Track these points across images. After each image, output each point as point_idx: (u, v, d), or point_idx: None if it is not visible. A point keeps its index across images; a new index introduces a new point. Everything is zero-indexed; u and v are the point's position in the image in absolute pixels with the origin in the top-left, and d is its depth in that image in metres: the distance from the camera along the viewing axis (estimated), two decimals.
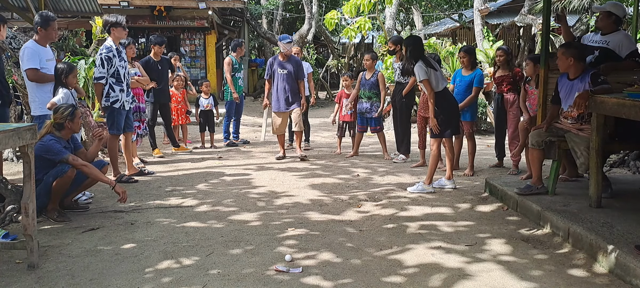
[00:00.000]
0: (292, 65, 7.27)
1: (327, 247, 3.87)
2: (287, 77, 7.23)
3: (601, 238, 3.61)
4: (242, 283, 3.25)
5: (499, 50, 6.43)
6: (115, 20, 5.96)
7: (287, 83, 7.25)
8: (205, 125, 8.63)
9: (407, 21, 26.91)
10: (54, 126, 4.52)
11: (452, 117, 5.54)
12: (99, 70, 5.84)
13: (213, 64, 16.13)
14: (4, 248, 3.66)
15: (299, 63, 7.47)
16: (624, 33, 4.96)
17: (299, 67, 7.38)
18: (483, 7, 13.50)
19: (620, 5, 5.09)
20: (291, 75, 7.23)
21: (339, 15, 13.14)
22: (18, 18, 9.95)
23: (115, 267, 3.50)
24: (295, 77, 7.28)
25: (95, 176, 4.57)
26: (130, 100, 6.15)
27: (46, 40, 5.33)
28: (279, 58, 7.34)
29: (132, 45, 7.07)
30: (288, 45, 7.31)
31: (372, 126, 7.59)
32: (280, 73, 7.24)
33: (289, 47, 7.30)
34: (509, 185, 5.26)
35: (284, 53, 7.26)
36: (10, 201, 3.65)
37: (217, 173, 6.54)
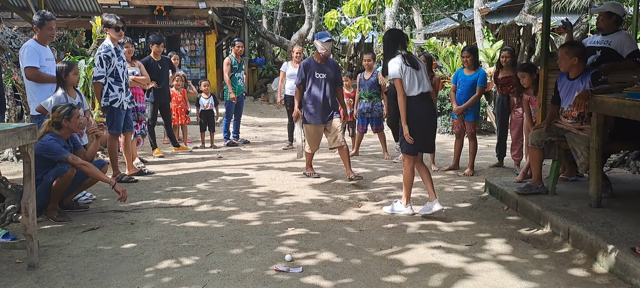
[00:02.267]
0: (331, 68, 6.17)
1: (327, 247, 3.87)
2: (326, 83, 6.07)
3: (601, 238, 3.61)
4: (242, 283, 3.25)
5: (504, 51, 6.32)
6: (108, 20, 5.96)
7: (326, 90, 6.06)
8: (205, 125, 8.63)
9: (407, 21, 26.92)
10: (53, 125, 4.53)
11: (422, 131, 4.55)
12: (98, 69, 5.85)
13: (213, 64, 16.12)
14: (4, 248, 3.66)
15: (337, 66, 6.43)
16: (625, 33, 4.96)
17: (338, 70, 6.34)
18: (483, 6, 13.49)
19: (619, 5, 5.10)
20: (331, 80, 6.10)
21: (339, 15, 13.14)
22: (18, 18, 9.95)
23: (115, 267, 3.50)
24: (334, 82, 6.18)
25: (95, 175, 4.57)
26: (129, 99, 6.15)
27: (45, 39, 5.34)
28: (315, 60, 6.15)
29: (129, 44, 7.06)
30: (327, 45, 6.08)
31: (373, 126, 7.60)
32: (318, 78, 6.06)
33: (328, 47, 6.09)
34: (509, 185, 5.26)
35: (322, 54, 6.07)
36: (10, 201, 3.65)
37: (217, 173, 6.54)
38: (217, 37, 16.76)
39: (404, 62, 4.48)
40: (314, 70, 6.07)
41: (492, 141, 8.73)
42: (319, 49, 6.04)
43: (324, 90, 6.05)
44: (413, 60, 4.55)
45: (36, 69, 5.20)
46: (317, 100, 6.06)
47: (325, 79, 6.05)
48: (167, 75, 7.88)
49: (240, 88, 8.81)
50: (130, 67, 6.88)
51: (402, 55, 4.53)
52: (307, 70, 6.10)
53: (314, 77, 6.06)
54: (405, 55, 4.55)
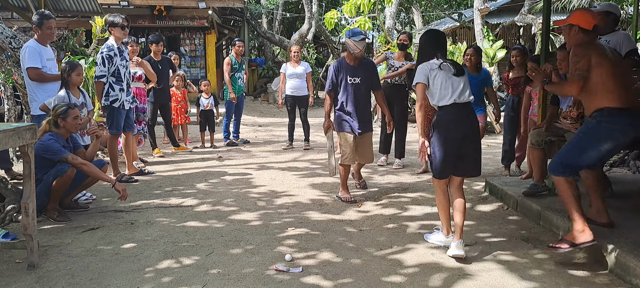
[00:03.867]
0: (366, 70, 5.23)
1: (327, 247, 3.87)
2: (361, 88, 5.19)
3: (601, 238, 3.61)
4: (242, 282, 3.25)
5: (514, 51, 6.18)
6: (113, 20, 5.98)
7: (361, 96, 5.21)
8: (205, 125, 8.63)
9: (407, 21, 26.91)
10: (52, 124, 4.54)
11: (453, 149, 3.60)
12: (100, 68, 5.86)
13: (213, 64, 16.12)
14: (4, 247, 3.66)
15: (374, 67, 5.44)
16: (623, 33, 4.96)
17: (374, 72, 5.36)
18: (483, 6, 13.49)
19: (616, 5, 5.11)
20: (367, 84, 5.23)
21: (339, 15, 13.13)
22: (18, 18, 9.95)
23: (115, 267, 3.50)
24: (371, 86, 5.28)
25: (95, 174, 4.57)
26: (130, 99, 6.15)
27: (45, 39, 5.34)
28: (347, 61, 5.22)
29: (134, 44, 7.04)
30: (360, 44, 5.11)
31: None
32: (351, 82, 5.16)
33: (361, 47, 5.12)
34: (509, 185, 5.26)
35: (355, 55, 5.13)
36: (10, 201, 3.65)
37: (217, 173, 6.54)
38: (217, 37, 16.77)
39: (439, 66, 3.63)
40: (347, 74, 5.16)
41: (492, 141, 8.74)
42: (350, 49, 5.12)
43: (359, 96, 5.17)
44: (454, 65, 3.67)
45: (39, 69, 5.21)
46: (351, 109, 5.15)
47: (359, 83, 5.15)
48: (167, 75, 7.88)
49: (241, 88, 8.81)
50: (133, 68, 6.88)
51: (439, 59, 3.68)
52: (339, 74, 5.20)
53: (346, 81, 5.16)
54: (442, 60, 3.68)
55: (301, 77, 8.33)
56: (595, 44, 3.44)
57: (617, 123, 3.37)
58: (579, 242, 3.39)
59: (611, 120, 3.37)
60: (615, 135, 3.40)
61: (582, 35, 3.45)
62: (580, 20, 3.48)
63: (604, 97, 3.38)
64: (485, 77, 6.27)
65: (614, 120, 3.37)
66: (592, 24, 3.44)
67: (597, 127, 3.41)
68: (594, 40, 3.47)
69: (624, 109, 3.36)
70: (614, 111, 3.37)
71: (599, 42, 3.55)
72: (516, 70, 6.08)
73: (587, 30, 3.43)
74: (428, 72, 3.64)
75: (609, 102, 3.36)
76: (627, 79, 3.56)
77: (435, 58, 3.68)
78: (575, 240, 3.41)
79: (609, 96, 3.36)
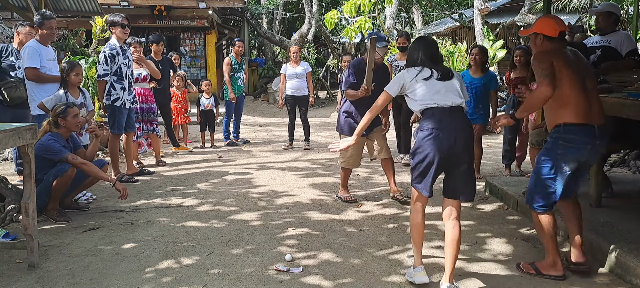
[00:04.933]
0: (383, 75, 5.20)
1: (327, 247, 3.87)
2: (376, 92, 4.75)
3: (601, 238, 3.61)
4: (243, 282, 3.25)
5: (517, 50, 6.08)
6: (114, 19, 5.99)
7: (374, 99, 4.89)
8: (205, 125, 8.63)
9: (407, 21, 26.91)
10: (52, 124, 4.55)
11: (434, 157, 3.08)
12: (103, 67, 5.88)
13: (213, 64, 16.12)
14: (4, 248, 3.66)
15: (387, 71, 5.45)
16: (624, 32, 4.97)
17: (388, 77, 5.38)
18: (483, 6, 13.50)
19: (617, 5, 5.11)
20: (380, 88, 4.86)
21: (339, 15, 13.14)
22: (18, 18, 9.95)
23: (115, 267, 3.50)
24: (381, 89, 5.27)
25: (95, 174, 4.57)
26: (131, 99, 6.15)
27: (46, 39, 5.35)
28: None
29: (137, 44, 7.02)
30: (382, 51, 5.06)
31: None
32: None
33: (382, 54, 5.09)
34: (509, 185, 5.26)
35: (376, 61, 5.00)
36: (11, 201, 3.65)
37: (217, 173, 6.54)
38: (217, 37, 16.76)
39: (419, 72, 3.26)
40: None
41: (492, 141, 8.73)
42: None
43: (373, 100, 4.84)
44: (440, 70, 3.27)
45: (37, 70, 5.22)
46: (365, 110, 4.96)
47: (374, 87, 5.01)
48: (168, 75, 7.87)
49: (240, 88, 8.81)
50: (137, 68, 6.89)
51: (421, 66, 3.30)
52: (359, 75, 5.03)
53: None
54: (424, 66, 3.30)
55: (301, 77, 8.33)
56: (559, 51, 3.21)
57: (573, 141, 3.11)
58: (546, 273, 3.29)
59: (567, 138, 3.12)
60: (572, 154, 3.13)
61: (547, 43, 3.23)
62: (543, 28, 3.25)
63: (563, 111, 3.14)
64: (489, 80, 6.06)
65: (569, 138, 3.12)
66: (557, 31, 3.22)
67: (553, 146, 3.19)
68: (560, 48, 3.23)
69: (582, 124, 3.10)
70: (571, 127, 3.12)
71: (566, 50, 3.26)
72: (518, 71, 6.04)
73: (552, 37, 3.22)
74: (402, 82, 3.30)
75: (567, 117, 3.12)
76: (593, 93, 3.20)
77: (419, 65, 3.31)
78: (542, 270, 3.31)
79: (568, 110, 3.12)
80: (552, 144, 3.21)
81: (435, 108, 3.12)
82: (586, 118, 3.13)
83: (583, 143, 3.13)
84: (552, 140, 3.22)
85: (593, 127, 3.14)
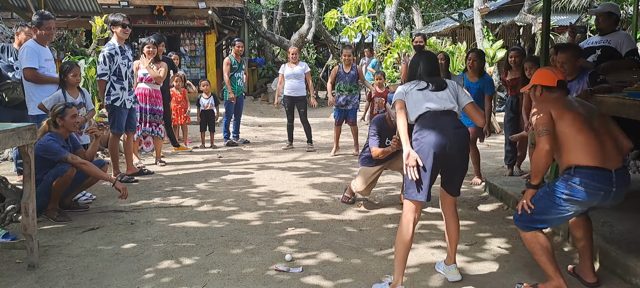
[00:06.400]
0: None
1: (327, 247, 3.87)
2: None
3: (601, 238, 3.61)
4: (243, 282, 3.25)
5: (513, 51, 6.08)
6: (115, 19, 6.01)
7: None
8: (205, 125, 8.63)
9: (407, 21, 26.92)
10: (51, 124, 4.55)
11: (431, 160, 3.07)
12: (101, 67, 5.89)
13: (213, 64, 16.11)
14: (4, 248, 3.66)
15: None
16: (624, 33, 4.97)
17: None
18: (483, 6, 13.49)
19: (617, 5, 5.11)
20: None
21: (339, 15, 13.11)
22: (18, 18, 9.95)
23: (115, 267, 3.50)
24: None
25: (95, 174, 4.57)
26: (132, 99, 6.15)
27: (44, 39, 5.34)
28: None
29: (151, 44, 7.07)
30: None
31: (350, 118, 7.80)
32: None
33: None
34: (509, 185, 5.26)
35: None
36: (10, 201, 3.65)
37: (217, 173, 6.54)
38: (217, 37, 16.76)
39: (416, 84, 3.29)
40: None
41: (492, 141, 8.73)
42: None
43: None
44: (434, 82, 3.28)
45: (35, 70, 5.21)
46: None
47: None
48: (168, 75, 7.87)
49: (240, 88, 8.81)
50: (143, 69, 6.95)
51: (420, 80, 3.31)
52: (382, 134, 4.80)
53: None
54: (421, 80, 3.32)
55: (299, 77, 8.30)
56: (559, 99, 3.05)
57: (582, 185, 2.87)
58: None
59: (579, 182, 2.88)
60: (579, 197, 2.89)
61: (547, 93, 3.10)
62: (541, 79, 3.13)
63: (572, 155, 2.93)
64: (484, 85, 5.99)
65: (579, 182, 2.88)
66: (555, 81, 3.08)
67: (558, 187, 2.94)
68: (560, 97, 3.07)
69: (595, 168, 2.86)
70: (582, 170, 2.88)
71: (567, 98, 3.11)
72: (514, 71, 6.04)
73: (551, 87, 3.08)
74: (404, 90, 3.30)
75: (577, 160, 2.90)
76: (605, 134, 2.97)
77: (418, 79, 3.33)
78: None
79: (577, 152, 2.90)
80: (558, 185, 2.94)
81: (427, 113, 3.17)
82: (600, 161, 2.87)
83: (595, 188, 2.86)
84: (559, 180, 2.96)
85: (608, 171, 2.87)
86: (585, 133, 2.93)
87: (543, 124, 2.95)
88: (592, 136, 2.93)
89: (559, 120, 2.96)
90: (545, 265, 3.01)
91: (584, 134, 2.92)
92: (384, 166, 4.95)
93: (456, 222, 3.33)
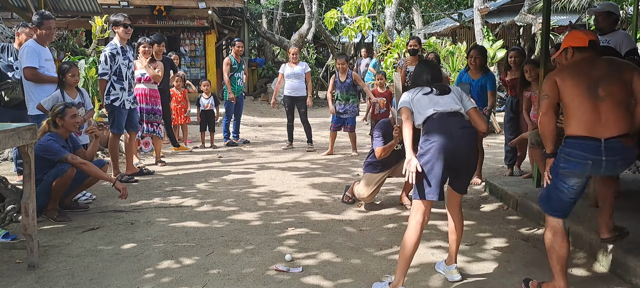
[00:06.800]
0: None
1: (327, 247, 3.87)
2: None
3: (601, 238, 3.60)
4: (243, 282, 3.25)
5: (512, 52, 6.05)
6: (117, 19, 6.03)
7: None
8: (205, 125, 8.63)
9: (407, 21, 26.93)
10: (51, 124, 4.55)
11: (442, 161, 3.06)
12: (103, 66, 5.91)
13: (213, 64, 16.11)
14: (4, 248, 3.66)
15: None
16: (623, 32, 4.97)
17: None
18: (483, 6, 13.50)
19: (616, 5, 5.10)
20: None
21: (339, 15, 13.13)
22: (18, 18, 9.95)
23: (115, 267, 3.50)
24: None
25: (95, 174, 4.58)
26: (132, 99, 6.16)
27: (44, 39, 5.35)
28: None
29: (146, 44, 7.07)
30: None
31: (348, 125, 7.80)
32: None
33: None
34: (509, 185, 5.26)
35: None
36: (10, 201, 3.65)
37: (217, 173, 6.54)
38: (217, 37, 16.75)
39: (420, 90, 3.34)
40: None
41: (492, 141, 8.73)
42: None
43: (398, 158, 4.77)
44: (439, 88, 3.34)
45: (35, 70, 5.22)
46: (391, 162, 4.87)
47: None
48: (168, 75, 7.87)
49: (240, 88, 8.81)
50: (140, 69, 6.95)
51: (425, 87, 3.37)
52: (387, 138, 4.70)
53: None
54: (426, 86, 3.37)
55: (299, 77, 8.30)
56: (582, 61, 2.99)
57: (571, 155, 2.87)
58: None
59: (566, 152, 2.89)
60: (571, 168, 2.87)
61: (578, 54, 3.03)
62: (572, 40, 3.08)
63: (567, 124, 2.92)
64: (486, 81, 5.93)
65: (567, 152, 2.88)
66: (586, 41, 3.02)
67: (557, 160, 2.96)
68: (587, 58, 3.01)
69: (582, 137, 2.83)
70: (570, 140, 2.89)
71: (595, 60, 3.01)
72: (513, 72, 6.02)
73: (582, 47, 3.01)
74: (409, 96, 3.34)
75: (569, 130, 2.90)
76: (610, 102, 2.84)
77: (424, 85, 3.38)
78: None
79: (571, 122, 2.89)
80: (557, 157, 2.97)
81: (434, 114, 3.20)
82: (589, 130, 2.83)
83: (582, 158, 2.84)
84: (558, 152, 2.98)
85: (596, 140, 2.82)
86: (580, 101, 2.86)
87: (545, 89, 2.98)
88: (588, 104, 2.85)
89: (562, 88, 2.92)
90: (552, 262, 3.01)
91: (578, 102, 2.87)
92: (388, 173, 4.94)
93: (461, 221, 3.36)
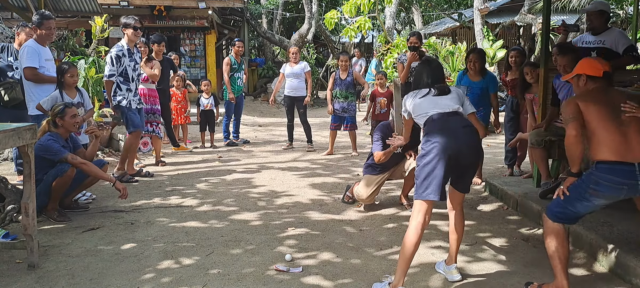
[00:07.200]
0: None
1: (327, 247, 3.87)
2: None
3: (601, 238, 3.61)
4: (243, 282, 3.25)
5: (513, 52, 6.03)
6: (126, 21, 6.05)
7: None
8: (205, 125, 8.63)
9: (407, 21, 26.92)
10: (51, 124, 4.55)
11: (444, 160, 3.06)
12: (109, 68, 5.93)
13: (213, 64, 16.11)
14: (4, 248, 3.66)
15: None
16: (617, 30, 4.95)
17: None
18: (483, 6, 13.50)
19: (607, 3, 5.10)
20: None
21: (339, 15, 13.13)
22: (18, 18, 9.95)
23: (115, 267, 3.50)
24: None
25: (95, 174, 4.58)
26: (137, 100, 6.16)
27: (44, 39, 5.35)
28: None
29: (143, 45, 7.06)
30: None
31: (348, 124, 7.81)
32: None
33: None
34: (509, 185, 5.26)
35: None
36: (10, 201, 3.65)
37: (217, 173, 6.54)
38: (217, 37, 16.75)
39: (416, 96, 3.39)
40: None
41: (492, 141, 8.73)
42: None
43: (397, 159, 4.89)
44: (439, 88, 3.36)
45: (35, 70, 5.22)
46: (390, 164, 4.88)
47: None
48: (168, 75, 7.87)
49: (240, 88, 8.81)
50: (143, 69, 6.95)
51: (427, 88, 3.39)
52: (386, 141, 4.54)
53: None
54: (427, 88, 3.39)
55: (299, 76, 8.29)
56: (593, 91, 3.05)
57: (605, 180, 2.85)
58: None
59: (599, 177, 2.87)
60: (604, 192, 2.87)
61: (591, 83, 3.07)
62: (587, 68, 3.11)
63: (596, 150, 2.92)
64: (488, 82, 5.87)
65: (601, 177, 2.86)
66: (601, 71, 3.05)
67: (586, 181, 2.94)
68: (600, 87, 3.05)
69: (617, 163, 2.83)
70: (603, 166, 2.87)
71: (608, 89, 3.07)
72: (514, 72, 6.00)
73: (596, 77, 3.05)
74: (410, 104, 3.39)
75: (600, 155, 2.89)
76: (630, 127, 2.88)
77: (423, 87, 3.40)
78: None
79: (600, 147, 2.89)
80: (586, 178, 2.94)
81: (435, 115, 3.24)
82: (621, 155, 2.83)
83: (616, 183, 2.83)
84: (587, 174, 2.96)
85: (630, 165, 2.81)
86: (607, 126, 2.90)
87: (569, 112, 3.00)
88: (614, 129, 2.88)
89: (585, 112, 2.97)
90: (554, 262, 3.03)
91: (604, 128, 2.90)
92: (387, 175, 4.92)
93: (462, 220, 3.37)
